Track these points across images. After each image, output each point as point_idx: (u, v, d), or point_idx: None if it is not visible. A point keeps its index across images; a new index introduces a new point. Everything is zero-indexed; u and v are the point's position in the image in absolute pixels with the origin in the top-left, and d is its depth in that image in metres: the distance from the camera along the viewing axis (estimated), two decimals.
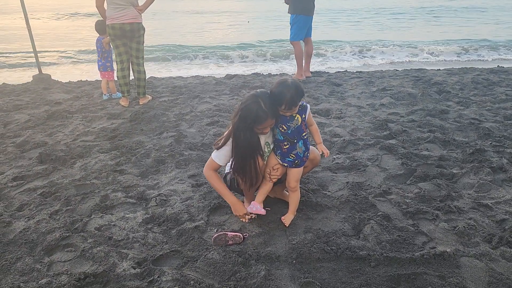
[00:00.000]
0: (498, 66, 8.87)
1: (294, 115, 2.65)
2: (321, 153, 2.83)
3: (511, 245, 2.57)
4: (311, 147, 2.92)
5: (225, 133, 2.78)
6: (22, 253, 2.61)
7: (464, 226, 2.75)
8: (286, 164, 2.80)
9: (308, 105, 2.72)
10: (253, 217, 2.90)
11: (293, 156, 2.75)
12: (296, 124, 2.67)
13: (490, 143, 4.20)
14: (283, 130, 2.69)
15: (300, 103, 2.63)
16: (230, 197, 2.91)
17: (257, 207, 2.82)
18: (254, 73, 8.56)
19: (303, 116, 2.69)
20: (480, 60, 11.20)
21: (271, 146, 2.84)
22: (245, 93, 6.51)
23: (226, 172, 3.07)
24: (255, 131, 2.63)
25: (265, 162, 2.84)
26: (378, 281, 2.30)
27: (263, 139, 2.77)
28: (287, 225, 2.83)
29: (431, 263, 2.43)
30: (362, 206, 3.08)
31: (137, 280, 2.34)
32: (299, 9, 7.18)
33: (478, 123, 4.83)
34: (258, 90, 2.64)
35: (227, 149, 2.74)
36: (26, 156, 4.18)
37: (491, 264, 2.40)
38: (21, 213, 3.10)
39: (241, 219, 2.91)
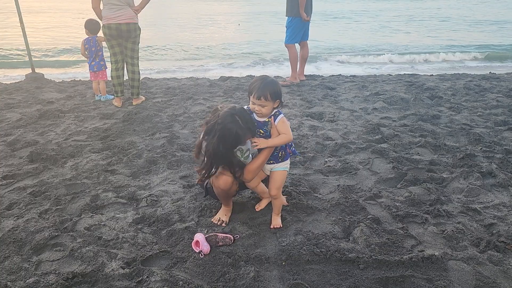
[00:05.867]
0: (490, 72, 8.97)
1: (267, 120, 2.68)
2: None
3: (498, 249, 2.59)
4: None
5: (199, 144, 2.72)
6: (10, 252, 2.59)
7: (452, 230, 2.78)
8: (272, 161, 2.81)
9: (282, 114, 2.71)
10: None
11: (277, 150, 2.79)
12: (270, 127, 2.70)
13: (480, 149, 4.24)
14: (261, 134, 2.72)
15: (275, 110, 2.67)
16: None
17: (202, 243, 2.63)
18: (248, 75, 8.58)
19: (274, 121, 2.69)
20: (472, 66, 11.32)
21: (245, 152, 2.76)
22: (238, 96, 6.53)
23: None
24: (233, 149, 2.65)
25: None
26: (367, 284, 2.31)
27: None
28: (280, 226, 2.85)
29: (419, 266, 2.45)
30: (353, 209, 3.10)
31: (126, 280, 2.34)
32: (296, 12, 7.19)
33: (469, 128, 4.88)
34: (236, 107, 2.62)
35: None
36: (17, 154, 4.15)
37: (478, 268, 2.42)
38: (10, 212, 3.08)
39: None
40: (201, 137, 2.68)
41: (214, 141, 2.54)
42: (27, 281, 2.31)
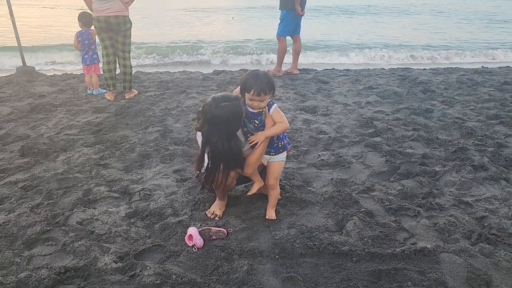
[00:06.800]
0: (482, 66, 9.01)
1: (261, 110, 2.68)
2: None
3: (489, 242, 2.62)
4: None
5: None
6: (1, 246, 2.56)
7: (444, 223, 2.80)
8: (273, 152, 2.82)
9: (275, 103, 2.72)
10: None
11: (276, 141, 2.81)
12: (265, 117, 2.71)
13: (473, 142, 4.27)
14: (256, 125, 2.73)
15: (268, 99, 2.66)
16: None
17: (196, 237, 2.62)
18: (241, 69, 8.55)
19: (269, 111, 2.70)
20: (465, 61, 11.35)
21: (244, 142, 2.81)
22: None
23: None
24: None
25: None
26: (359, 276, 2.33)
27: None
28: (274, 218, 2.86)
29: (412, 259, 2.46)
30: (346, 203, 3.11)
31: (119, 274, 2.33)
32: (291, 5, 7.19)
33: (461, 122, 4.91)
34: (208, 100, 2.55)
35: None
36: (8, 149, 4.11)
37: (470, 260, 2.44)
38: (1, 206, 3.05)
39: None
40: (201, 147, 2.67)
41: (223, 142, 2.53)
42: (19, 275, 2.29)
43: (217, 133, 2.53)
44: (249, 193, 2.95)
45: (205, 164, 2.70)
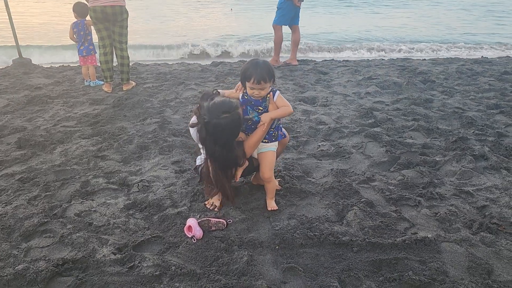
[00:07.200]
0: (482, 56, 8.97)
1: (266, 97, 2.68)
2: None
3: (490, 231, 2.60)
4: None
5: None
6: None
7: (445, 212, 2.78)
8: (266, 139, 2.80)
9: (278, 91, 2.74)
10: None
11: (272, 129, 2.81)
12: (269, 103, 2.71)
13: (473, 132, 4.24)
14: (260, 111, 2.71)
15: (270, 87, 2.66)
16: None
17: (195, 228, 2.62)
18: (240, 60, 8.49)
19: (273, 98, 2.72)
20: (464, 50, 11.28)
21: None
22: (231, 80, 6.45)
23: (197, 164, 3.03)
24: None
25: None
26: (360, 266, 2.31)
27: None
28: (276, 208, 2.84)
29: (413, 248, 2.45)
30: (346, 193, 3.08)
31: (118, 266, 2.31)
32: None
33: (461, 112, 4.88)
34: (209, 106, 2.47)
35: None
36: (4, 141, 4.07)
37: (471, 249, 2.43)
38: None
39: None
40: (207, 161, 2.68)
41: (222, 151, 2.54)
42: (16, 267, 2.26)
43: (217, 144, 2.52)
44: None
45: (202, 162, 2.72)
